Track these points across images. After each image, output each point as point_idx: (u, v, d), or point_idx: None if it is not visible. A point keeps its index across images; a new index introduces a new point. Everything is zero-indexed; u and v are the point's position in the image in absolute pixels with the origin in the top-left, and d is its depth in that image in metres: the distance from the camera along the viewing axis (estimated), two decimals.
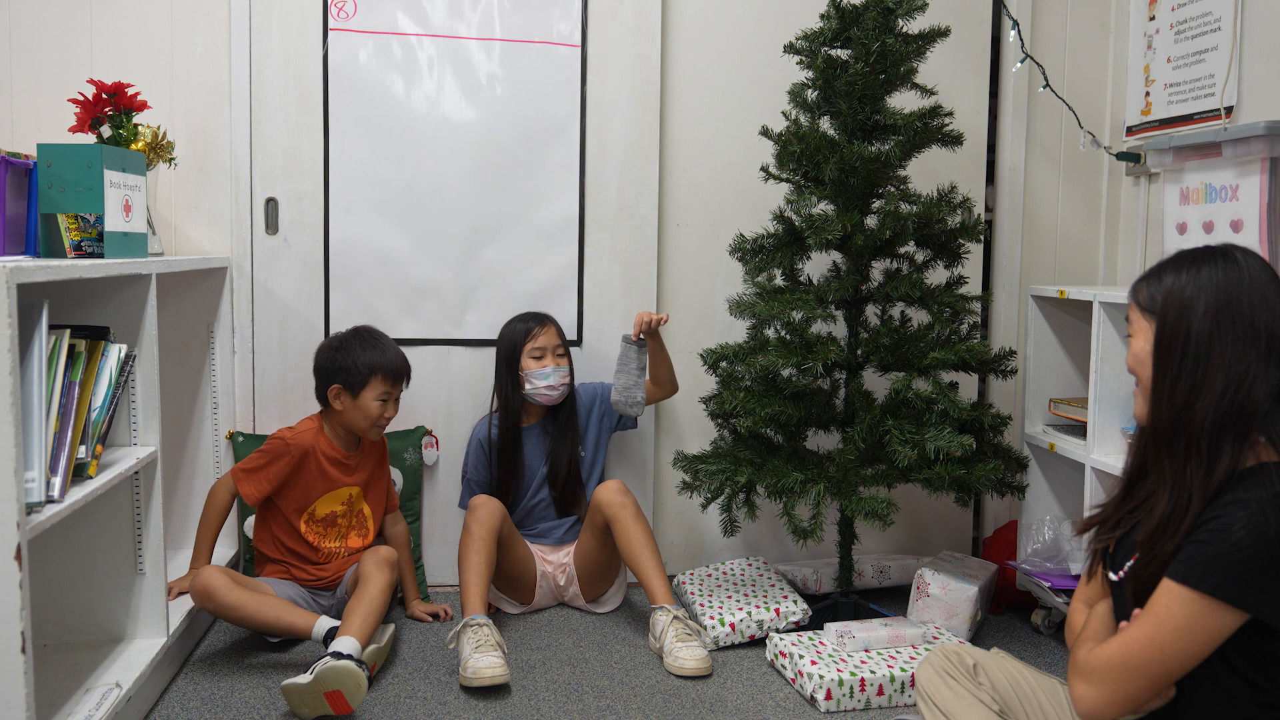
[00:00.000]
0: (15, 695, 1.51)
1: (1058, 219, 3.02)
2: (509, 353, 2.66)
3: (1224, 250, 1.32)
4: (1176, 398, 1.30)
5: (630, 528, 2.46)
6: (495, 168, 2.78)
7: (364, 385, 2.40)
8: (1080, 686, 1.28)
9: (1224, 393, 1.26)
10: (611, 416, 2.75)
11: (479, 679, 2.13)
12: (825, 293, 2.41)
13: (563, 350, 2.67)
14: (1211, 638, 1.21)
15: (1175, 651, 1.22)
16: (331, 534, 2.47)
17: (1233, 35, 2.38)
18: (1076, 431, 2.55)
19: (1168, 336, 1.32)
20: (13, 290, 1.47)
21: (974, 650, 1.61)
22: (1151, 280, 1.37)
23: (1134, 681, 1.23)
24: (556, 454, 2.69)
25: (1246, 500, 1.21)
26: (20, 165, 2.01)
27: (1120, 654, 1.25)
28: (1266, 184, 1.94)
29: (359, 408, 2.42)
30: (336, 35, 2.70)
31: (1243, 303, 1.28)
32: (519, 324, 2.68)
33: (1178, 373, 1.30)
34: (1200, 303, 1.29)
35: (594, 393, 2.76)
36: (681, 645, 2.28)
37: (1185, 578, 1.22)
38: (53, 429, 1.65)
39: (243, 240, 2.71)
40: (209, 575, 2.20)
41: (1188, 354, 1.29)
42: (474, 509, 2.48)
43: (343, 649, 2.07)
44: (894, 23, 2.38)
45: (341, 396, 2.42)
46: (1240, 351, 1.27)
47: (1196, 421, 1.27)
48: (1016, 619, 2.68)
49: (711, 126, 2.89)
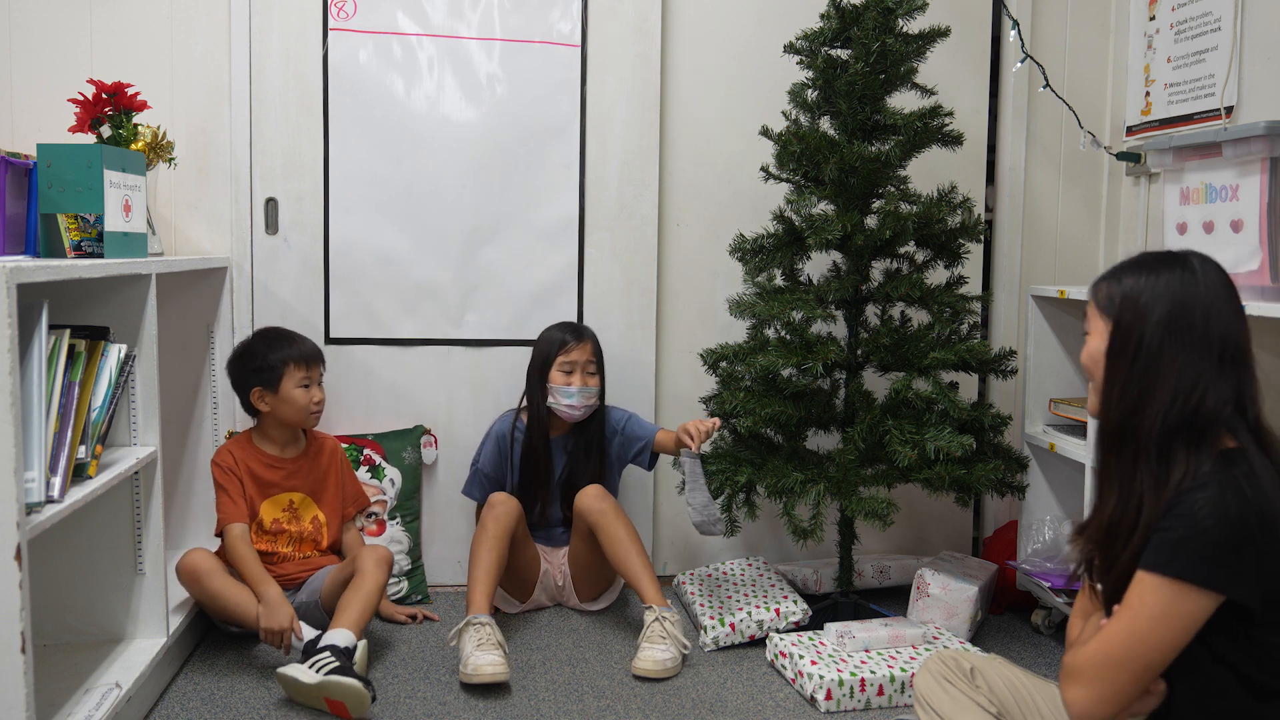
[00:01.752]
0: (15, 695, 1.51)
1: (1058, 219, 3.02)
2: (542, 361, 2.62)
3: (1183, 257, 1.33)
4: (1125, 401, 1.31)
5: (613, 532, 2.44)
6: (495, 168, 2.78)
7: (280, 378, 2.41)
8: (1069, 689, 1.28)
9: (1172, 401, 1.27)
10: (626, 454, 2.69)
11: (479, 676, 2.13)
12: (825, 293, 2.41)
13: (594, 368, 2.62)
14: (1188, 624, 1.21)
15: (1154, 641, 1.22)
16: (282, 540, 2.47)
17: (1233, 35, 2.38)
18: (1077, 431, 2.55)
19: (1120, 339, 1.33)
20: (13, 290, 1.47)
21: (971, 654, 1.61)
22: (1111, 281, 1.37)
23: (1118, 676, 1.24)
24: (577, 470, 2.65)
25: (1207, 484, 1.22)
26: (20, 165, 2.01)
27: (1101, 650, 1.25)
28: (1266, 184, 1.94)
29: (285, 401, 2.43)
30: (336, 35, 2.70)
31: (1195, 312, 1.28)
32: (556, 333, 2.63)
33: (1127, 376, 1.31)
34: (1155, 309, 1.30)
35: (618, 426, 2.69)
36: (648, 646, 2.27)
37: (1154, 565, 1.22)
38: (53, 429, 1.65)
39: (243, 240, 2.71)
40: (198, 556, 2.25)
41: (1138, 359, 1.30)
42: (492, 506, 2.47)
43: (338, 641, 2.10)
44: (894, 23, 2.38)
45: (265, 397, 2.43)
46: (1191, 360, 1.27)
47: (1145, 428, 1.28)
48: (1017, 619, 2.68)
49: (711, 126, 2.89)
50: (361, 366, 2.79)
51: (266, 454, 2.47)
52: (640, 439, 2.66)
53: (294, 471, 2.49)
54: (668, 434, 2.62)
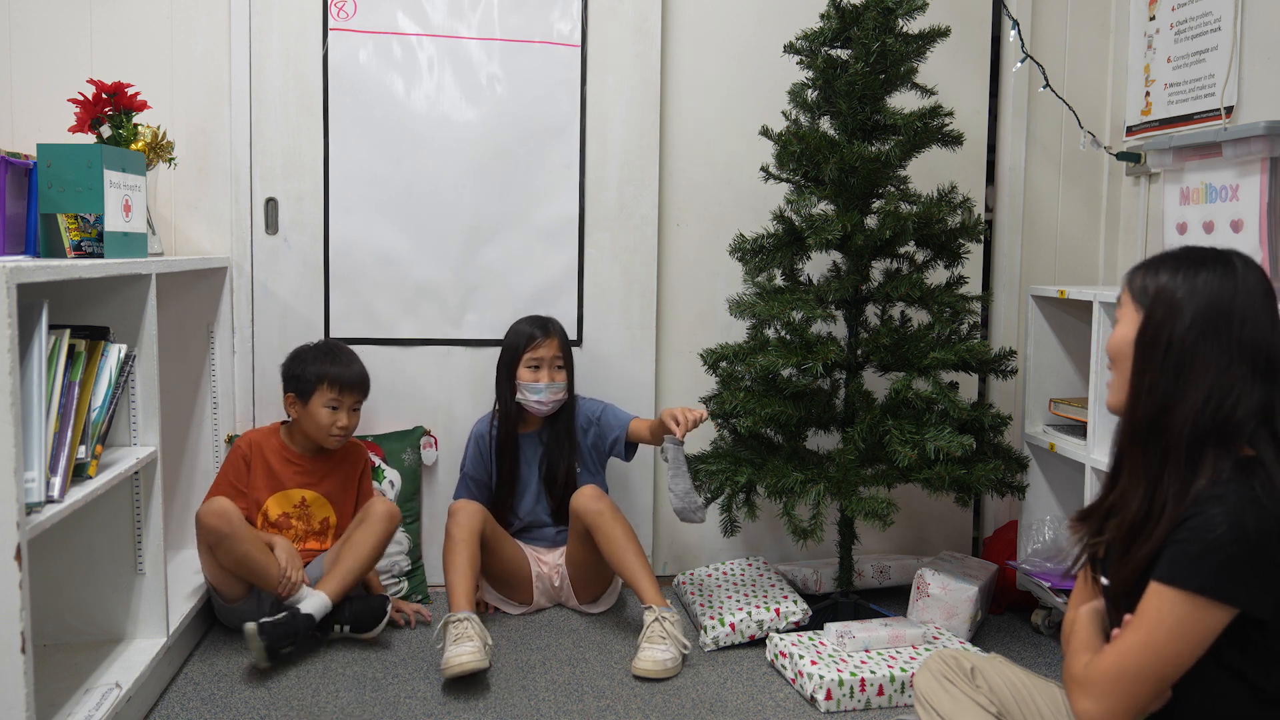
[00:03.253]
0: (15, 695, 1.51)
1: (1058, 219, 3.02)
2: (509, 357, 2.63)
3: (1226, 256, 1.30)
4: (1155, 398, 1.29)
5: (610, 532, 2.44)
6: (495, 168, 2.78)
7: (312, 393, 2.45)
8: (1082, 701, 1.27)
9: (1204, 405, 1.25)
10: (603, 445, 2.70)
11: (450, 668, 2.14)
12: (825, 293, 2.41)
13: (562, 362, 2.63)
14: (1204, 636, 1.21)
15: (1171, 655, 1.21)
16: (287, 535, 2.47)
17: (1233, 35, 2.38)
18: (1076, 431, 2.55)
19: (1151, 334, 1.30)
20: (13, 290, 1.47)
21: (971, 654, 1.61)
22: (1149, 271, 1.35)
23: (1135, 690, 1.23)
24: (553, 463, 2.67)
25: (1223, 495, 1.21)
26: (20, 165, 2.01)
27: (1117, 664, 1.24)
28: (1266, 184, 1.94)
29: (309, 415, 2.46)
30: (336, 35, 2.70)
31: (1232, 315, 1.26)
32: (525, 327, 2.65)
33: (1158, 373, 1.28)
34: (1190, 308, 1.27)
35: (593, 416, 2.70)
36: (648, 646, 2.28)
37: (1171, 579, 1.21)
38: (53, 429, 1.65)
39: (243, 240, 2.71)
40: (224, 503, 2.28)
41: (1169, 356, 1.28)
42: (453, 513, 2.47)
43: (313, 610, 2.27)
44: (894, 23, 2.38)
45: (295, 404, 2.48)
46: (1225, 365, 1.25)
47: (1175, 429, 1.26)
48: (1016, 619, 2.68)
49: (711, 126, 2.89)
50: None
51: (288, 449, 2.51)
52: (615, 428, 2.66)
53: (311, 471, 2.51)
54: (642, 422, 2.62)
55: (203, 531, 2.27)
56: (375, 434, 2.77)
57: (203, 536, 2.28)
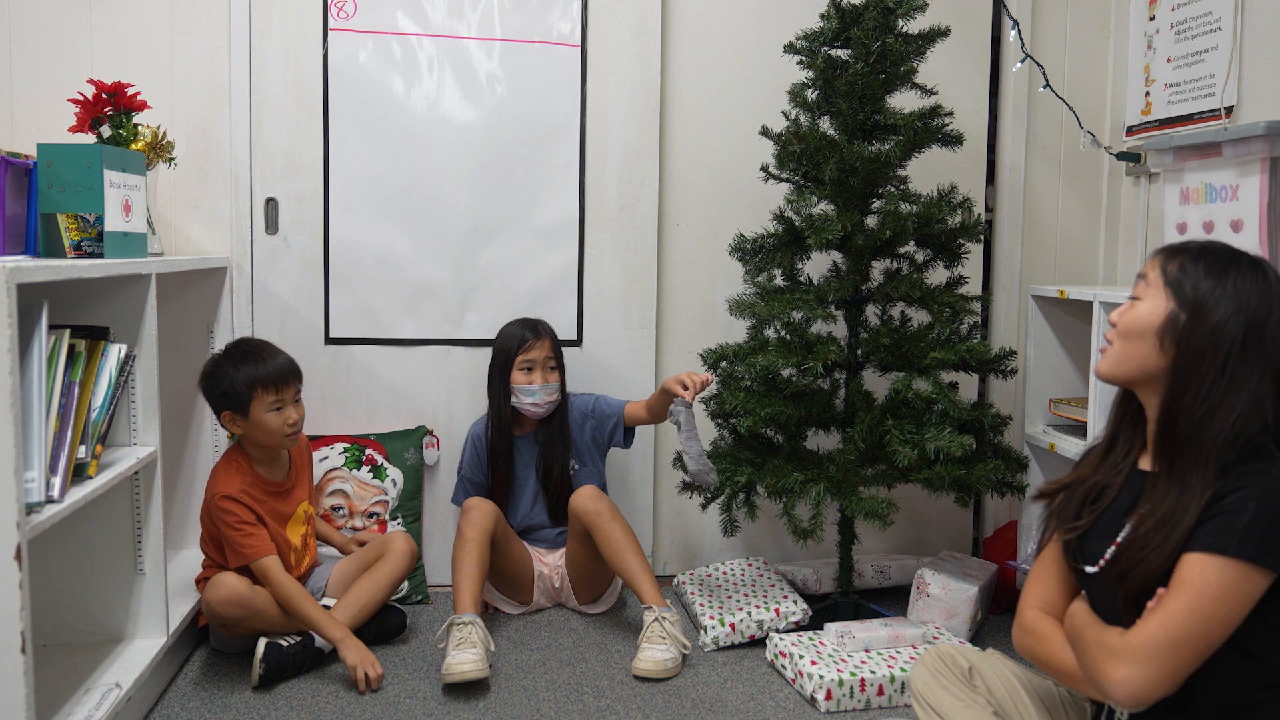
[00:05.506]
0: (15, 695, 1.51)
1: (1058, 219, 3.02)
2: (502, 360, 2.63)
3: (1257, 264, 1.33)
4: (1197, 410, 1.30)
5: (609, 533, 2.43)
6: (495, 168, 2.78)
7: (249, 403, 2.26)
8: (1121, 669, 1.25)
9: (1240, 418, 1.28)
10: (603, 436, 2.69)
11: (450, 675, 2.14)
12: (825, 293, 2.41)
13: (554, 363, 2.63)
14: (1246, 604, 1.23)
15: (1217, 620, 1.23)
16: (309, 554, 2.47)
17: (1233, 35, 2.38)
18: (1077, 431, 2.55)
19: (1197, 344, 1.31)
20: (13, 290, 1.47)
21: (968, 651, 1.61)
22: (1186, 263, 1.35)
23: (1180, 655, 1.23)
24: (548, 463, 2.67)
25: (1262, 470, 1.25)
26: (20, 165, 2.01)
27: (1164, 629, 1.24)
28: (1266, 184, 1.94)
29: (256, 426, 2.28)
30: (336, 35, 2.70)
31: (1265, 331, 1.29)
32: (515, 330, 2.64)
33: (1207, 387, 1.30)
34: (1236, 323, 1.29)
35: (586, 410, 2.69)
36: (648, 646, 2.28)
37: (1219, 548, 1.23)
38: (52, 429, 1.65)
39: (243, 240, 2.71)
40: (233, 586, 2.16)
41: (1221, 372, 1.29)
42: (467, 511, 2.47)
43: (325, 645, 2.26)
44: (894, 23, 2.38)
45: (235, 420, 2.30)
46: (1259, 380, 1.29)
47: (1211, 437, 1.28)
48: None
49: (711, 126, 2.89)
50: (361, 367, 2.79)
51: (261, 476, 2.34)
52: (611, 416, 2.66)
53: (289, 480, 2.43)
54: (637, 404, 2.62)
55: (215, 619, 2.20)
56: (378, 433, 2.77)
57: (215, 620, 2.21)
